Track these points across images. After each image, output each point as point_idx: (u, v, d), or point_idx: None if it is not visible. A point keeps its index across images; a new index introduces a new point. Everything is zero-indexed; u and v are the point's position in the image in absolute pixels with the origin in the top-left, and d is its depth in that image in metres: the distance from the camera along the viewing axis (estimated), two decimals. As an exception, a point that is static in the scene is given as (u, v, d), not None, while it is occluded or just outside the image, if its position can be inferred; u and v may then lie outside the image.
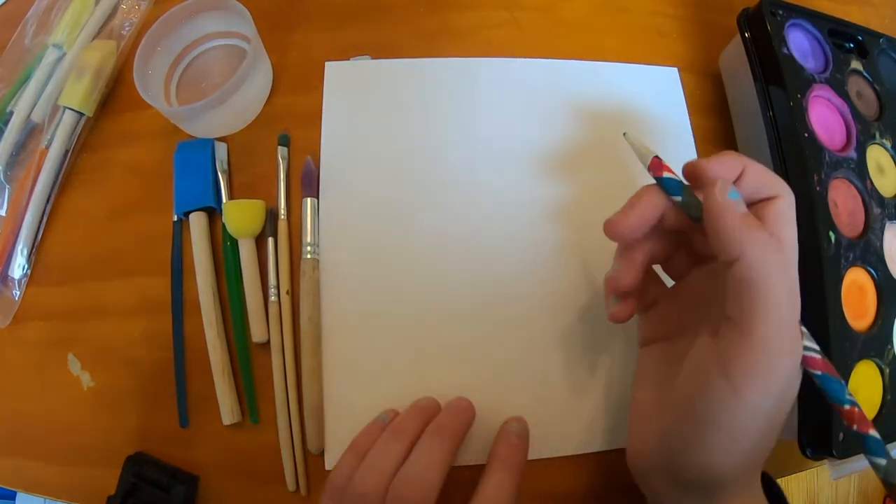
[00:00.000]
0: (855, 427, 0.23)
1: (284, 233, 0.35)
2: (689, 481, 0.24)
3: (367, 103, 0.38)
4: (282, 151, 0.36)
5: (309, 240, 0.34)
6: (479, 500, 0.26)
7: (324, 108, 0.37)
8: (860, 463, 0.31)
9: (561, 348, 0.34)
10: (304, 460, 0.32)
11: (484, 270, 0.35)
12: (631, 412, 0.28)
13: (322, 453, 0.32)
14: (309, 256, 0.34)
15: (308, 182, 0.35)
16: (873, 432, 0.22)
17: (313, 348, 0.33)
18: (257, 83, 0.37)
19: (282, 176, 0.36)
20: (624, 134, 0.28)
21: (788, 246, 0.24)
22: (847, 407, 0.23)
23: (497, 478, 0.27)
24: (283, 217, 0.35)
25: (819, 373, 0.23)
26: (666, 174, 0.25)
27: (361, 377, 0.33)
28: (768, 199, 0.24)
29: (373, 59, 0.39)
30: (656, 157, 0.25)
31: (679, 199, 0.24)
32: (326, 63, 0.38)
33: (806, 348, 0.23)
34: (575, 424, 0.33)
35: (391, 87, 0.38)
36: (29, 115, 0.38)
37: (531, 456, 0.32)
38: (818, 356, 0.23)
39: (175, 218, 0.36)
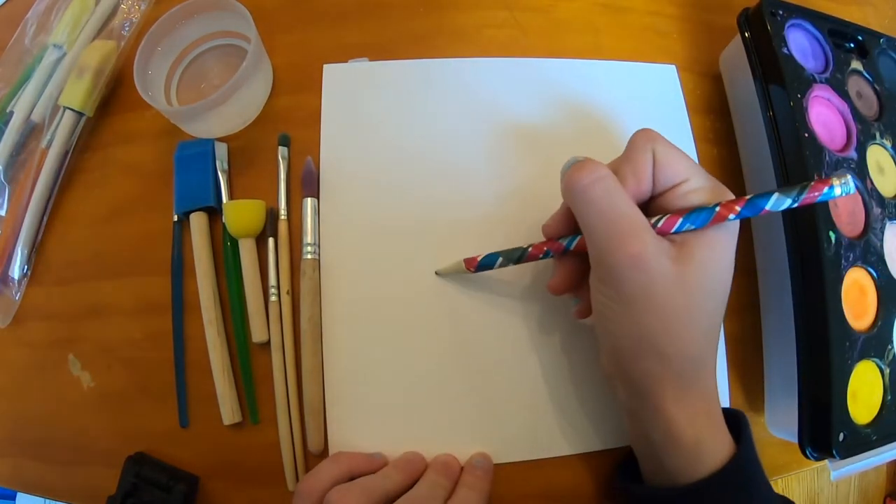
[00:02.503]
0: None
1: (284, 233, 0.35)
2: (629, 383, 0.27)
3: (366, 105, 0.38)
4: (282, 151, 0.36)
5: (309, 240, 0.34)
6: None
7: (322, 110, 0.37)
8: (860, 463, 0.31)
9: (557, 348, 0.34)
10: (304, 460, 0.32)
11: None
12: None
13: (322, 453, 0.32)
14: (309, 257, 0.34)
15: (308, 182, 0.35)
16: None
17: (314, 348, 0.33)
18: (257, 83, 0.37)
19: (282, 176, 0.36)
20: (436, 272, 0.34)
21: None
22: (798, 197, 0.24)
23: (463, 492, 0.29)
24: (283, 217, 0.35)
25: (740, 209, 0.25)
26: (479, 259, 0.32)
27: (362, 377, 0.33)
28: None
29: (371, 60, 0.39)
30: (464, 260, 0.32)
31: (500, 261, 0.31)
32: (325, 66, 0.38)
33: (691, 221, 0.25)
34: (574, 424, 0.33)
35: (389, 88, 0.38)
36: (29, 115, 0.38)
37: (532, 456, 0.33)
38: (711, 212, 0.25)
39: (175, 218, 0.36)
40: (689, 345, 0.25)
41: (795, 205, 0.24)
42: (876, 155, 0.35)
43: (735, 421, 0.28)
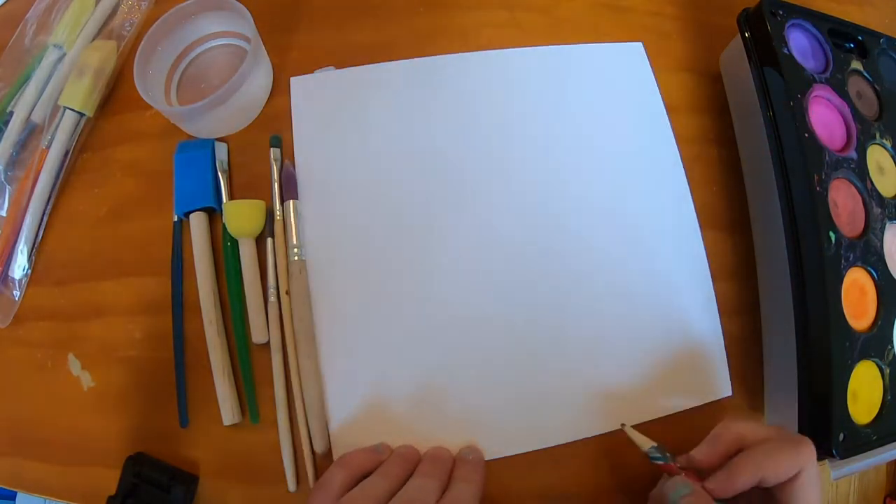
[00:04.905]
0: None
1: (280, 233, 0.35)
2: None
3: (334, 111, 0.37)
4: (274, 153, 0.36)
5: (294, 241, 0.34)
6: (444, 500, 0.28)
7: (293, 119, 0.37)
8: (860, 463, 0.31)
9: (556, 343, 0.34)
10: (304, 460, 0.32)
11: (471, 263, 0.35)
12: None
13: (324, 453, 0.32)
14: (296, 258, 0.34)
15: (288, 185, 0.35)
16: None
17: (307, 349, 0.33)
18: (257, 83, 0.37)
19: (275, 177, 0.36)
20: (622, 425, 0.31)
21: None
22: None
23: (459, 486, 0.29)
24: (278, 217, 0.35)
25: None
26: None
27: (361, 377, 0.33)
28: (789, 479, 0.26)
29: (337, 69, 0.38)
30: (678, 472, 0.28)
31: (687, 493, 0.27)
32: (291, 79, 0.38)
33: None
34: (571, 412, 0.33)
35: (359, 93, 0.38)
36: (29, 115, 0.38)
37: (528, 448, 0.33)
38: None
39: (175, 218, 0.36)
40: None
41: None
42: (876, 155, 0.35)
43: None
